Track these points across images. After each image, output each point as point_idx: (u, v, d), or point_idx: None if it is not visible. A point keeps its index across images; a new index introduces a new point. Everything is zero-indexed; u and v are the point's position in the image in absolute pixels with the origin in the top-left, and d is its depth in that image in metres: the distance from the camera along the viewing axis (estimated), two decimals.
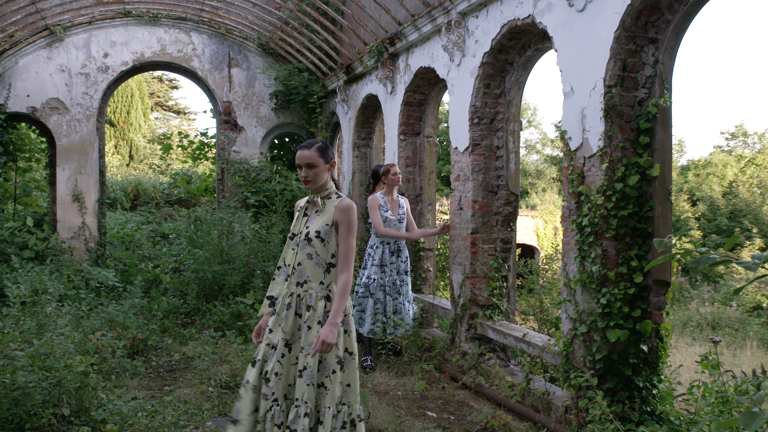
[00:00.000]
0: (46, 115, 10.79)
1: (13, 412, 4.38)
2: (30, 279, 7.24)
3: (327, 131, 11.89)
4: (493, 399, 5.41)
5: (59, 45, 10.84)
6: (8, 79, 10.54)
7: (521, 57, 6.18)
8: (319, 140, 3.54)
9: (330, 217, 3.48)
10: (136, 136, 30.37)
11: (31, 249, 10.22)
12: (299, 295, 3.48)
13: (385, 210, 6.49)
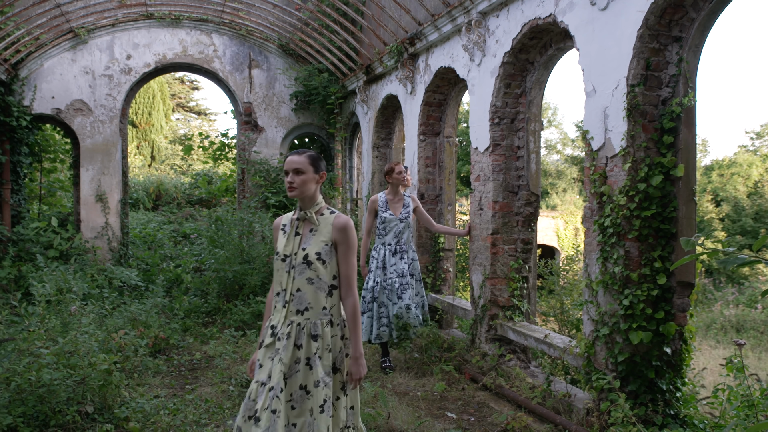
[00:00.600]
0: (71, 117, 10.95)
1: (38, 409, 4.45)
2: (55, 278, 7.34)
3: (346, 132, 11.92)
4: (513, 400, 5.38)
5: (83, 47, 10.99)
6: (34, 81, 10.71)
7: (542, 56, 6.14)
8: (314, 150, 3.33)
9: (327, 236, 3.20)
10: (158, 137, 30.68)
11: (55, 248, 10.37)
12: (299, 324, 3.16)
13: (384, 210, 6.39)
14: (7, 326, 6.32)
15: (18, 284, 8.91)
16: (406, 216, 6.38)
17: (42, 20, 9.77)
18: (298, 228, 3.27)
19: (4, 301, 7.16)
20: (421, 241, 8.26)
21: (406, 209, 6.43)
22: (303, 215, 3.25)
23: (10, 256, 9.83)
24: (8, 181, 10.38)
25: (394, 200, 6.41)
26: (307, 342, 3.14)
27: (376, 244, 6.47)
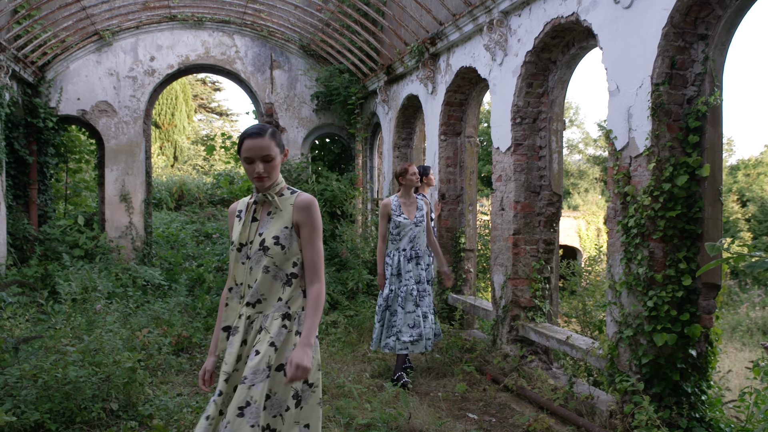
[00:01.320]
0: (96, 118, 11.11)
1: (64, 406, 4.52)
2: (80, 277, 7.45)
3: (367, 132, 11.94)
4: (535, 402, 5.35)
5: (108, 49, 11.14)
6: (60, 83, 10.88)
7: (565, 55, 6.09)
8: (270, 125, 2.84)
9: (288, 217, 2.78)
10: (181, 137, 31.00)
11: (81, 247, 10.53)
12: (249, 317, 2.77)
13: (398, 214, 5.95)
14: (34, 324, 6.44)
15: (44, 283, 9.06)
16: (420, 219, 6.00)
17: (68, 23, 9.93)
18: (255, 213, 2.85)
19: (31, 300, 7.29)
20: (442, 242, 8.24)
21: (421, 212, 6.02)
22: (261, 198, 2.82)
23: (37, 255, 10.00)
24: (35, 181, 10.56)
25: (407, 203, 6.01)
26: (253, 337, 2.74)
27: (389, 250, 6.03)
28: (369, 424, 4.58)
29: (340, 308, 8.45)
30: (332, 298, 8.51)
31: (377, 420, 4.55)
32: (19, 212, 10.22)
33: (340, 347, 6.97)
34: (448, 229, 8.28)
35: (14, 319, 6.08)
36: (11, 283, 5.98)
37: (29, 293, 7.46)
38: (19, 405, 4.28)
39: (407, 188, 6.00)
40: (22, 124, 10.25)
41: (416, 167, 6.18)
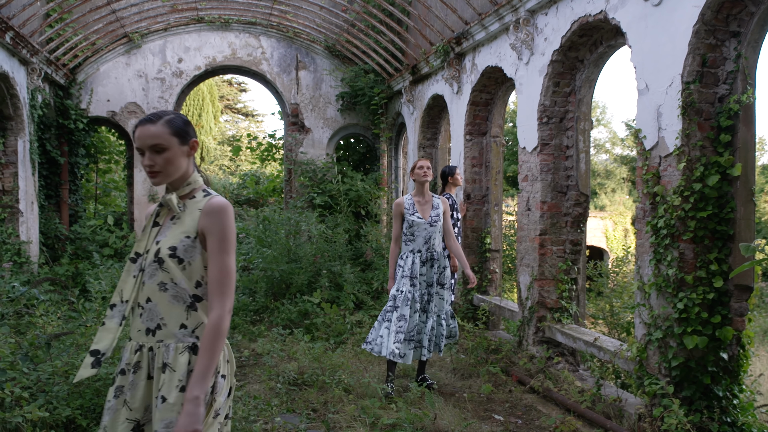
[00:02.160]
0: (125, 119, 11.29)
1: (95, 402, 4.60)
2: (110, 275, 7.57)
3: (392, 132, 11.95)
4: (561, 404, 5.30)
5: (137, 51, 11.31)
6: (90, 85, 11.08)
7: (592, 54, 6.03)
8: (172, 111, 2.40)
9: (192, 224, 2.30)
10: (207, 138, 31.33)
11: (110, 246, 10.70)
12: (151, 348, 2.30)
13: (411, 213, 5.57)
14: (65, 321, 6.55)
15: (75, 281, 9.23)
16: (436, 219, 5.59)
17: (98, 26, 10.10)
18: (159, 216, 2.39)
19: (62, 297, 7.43)
20: (468, 242, 8.21)
21: (436, 211, 5.62)
22: (165, 199, 2.35)
23: (68, 253, 10.19)
24: (66, 181, 10.78)
25: (422, 201, 5.62)
26: (158, 376, 2.27)
27: (403, 252, 5.65)
28: (394, 424, 4.58)
29: (365, 308, 8.47)
30: (357, 298, 8.53)
31: (403, 420, 4.54)
32: (50, 212, 10.43)
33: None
34: (473, 230, 8.24)
35: (46, 317, 6.19)
36: (43, 280, 6.10)
37: (61, 291, 7.60)
38: (51, 401, 4.36)
39: (419, 185, 5.65)
40: (53, 125, 10.46)
41: (424, 162, 5.67)
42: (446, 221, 5.69)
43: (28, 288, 5.48)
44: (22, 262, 8.50)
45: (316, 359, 6.11)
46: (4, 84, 8.38)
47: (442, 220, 5.65)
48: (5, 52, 8.15)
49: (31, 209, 9.21)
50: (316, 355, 6.18)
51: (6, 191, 8.66)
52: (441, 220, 5.63)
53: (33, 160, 9.29)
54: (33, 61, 8.92)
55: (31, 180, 9.25)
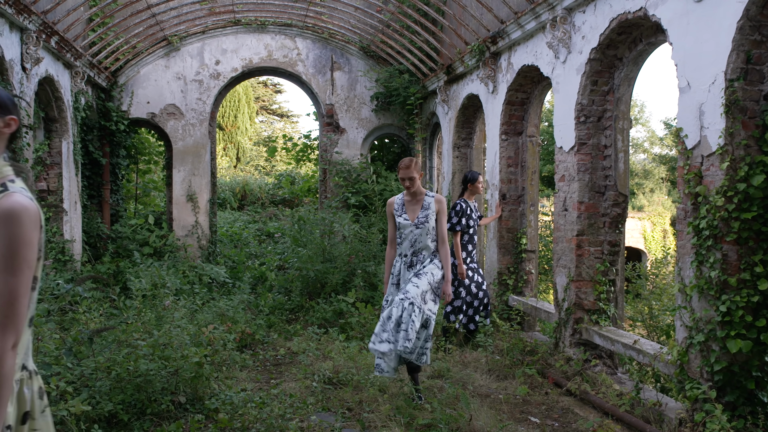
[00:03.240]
0: (164, 120, 11.51)
1: (136, 397, 4.70)
2: (150, 274, 7.73)
3: (426, 132, 11.93)
4: (599, 407, 5.22)
5: (176, 54, 11.53)
6: (131, 87, 11.33)
7: (631, 52, 5.92)
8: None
9: None
10: (243, 139, 31.73)
11: (150, 246, 10.93)
12: None
13: (399, 214, 5.18)
14: (107, 318, 6.72)
15: (116, 279, 9.45)
16: (423, 221, 5.07)
17: (139, 29, 10.32)
18: None
19: (104, 295, 7.61)
20: (503, 242, 8.15)
21: (425, 212, 5.10)
22: None
23: (109, 252, 10.44)
24: (108, 182, 11.04)
25: (412, 201, 5.18)
26: None
27: (397, 256, 5.30)
28: (429, 424, 4.58)
29: None
30: None
31: (438, 420, 4.54)
32: (93, 211, 10.70)
33: None
34: (509, 230, 8.18)
35: (89, 314, 6.36)
36: (86, 278, 6.26)
37: (103, 289, 7.79)
38: (94, 395, 4.48)
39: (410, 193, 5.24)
40: (96, 127, 10.73)
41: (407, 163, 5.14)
42: (439, 223, 5.15)
43: (73, 286, 5.63)
44: (66, 260, 8.74)
45: (350, 358, 6.14)
46: (49, 87, 8.63)
47: (432, 222, 5.11)
48: (50, 56, 8.39)
49: (74, 209, 9.47)
50: (351, 354, 6.22)
51: (51, 191, 8.92)
52: (430, 221, 5.10)
53: (76, 161, 9.54)
54: (77, 64, 9.16)
55: (75, 180, 9.50)
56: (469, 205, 7.19)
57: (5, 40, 6.91)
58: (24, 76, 7.46)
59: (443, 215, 5.15)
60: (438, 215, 5.13)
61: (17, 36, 7.25)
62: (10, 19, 6.95)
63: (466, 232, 7.09)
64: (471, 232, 7.13)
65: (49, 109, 8.89)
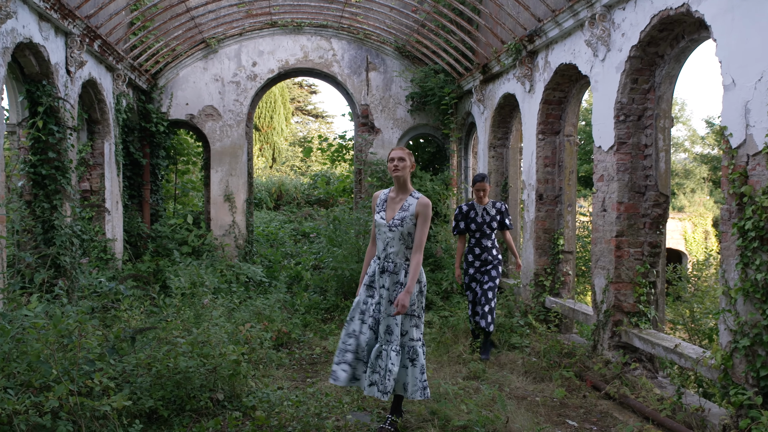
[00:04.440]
0: (202, 122, 11.70)
1: (175, 394, 4.79)
2: (189, 272, 7.86)
3: (462, 132, 11.87)
4: (639, 411, 5.12)
5: (213, 56, 11.70)
6: (170, 90, 11.54)
7: (673, 49, 5.79)
8: None
9: None
10: (279, 139, 32.02)
11: (189, 245, 11.12)
12: None
13: (378, 210, 4.63)
14: (147, 316, 6.85)
15: (156, 277, 9.64)
16: (397, 223, 4.47)
17: (178, 32, 10.51)
18: None
19: (145, 293, 7.77)
20: (539, 243, 8.06)
21: (402, 214, 4.49)
22: None
23: (149, 251, 10.65)
24: (148, 182, 11.27)
25: (395, 199, 4.59)
26: None
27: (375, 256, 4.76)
28: (465, 426, 4.55)
29: (435, 309, 8.45)
30: (427, 298, 8.52)
31: (474, 422, 4.51)
32: (133, 211, 10.93)
33: (435, 347, 6.97)
34: (545, 230, 8.08)
35: (130, 311, 6.50)
36: (128, 277, 6.41)
37: (143, 287, 7.95)
38: (135, 391, 4.57)
39: (395, 179, 4.60)
40: (136, 128, 10.96)
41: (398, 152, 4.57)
42: (418, 230, 4.45)
43: (116, 284, 5.76)
44: (108, 259, 8.95)
45: None
46: (92, 90, 8.84)
47: (408, 227, 4.47)
48: (93, 60, 8.60)
49: (116, 208, 9.68)
50: None
51: (94, 191, 9.14)
52: (405, 225, 4.46)
53: (118, 162, 9.76)
54: (118, 67, 9.37)
55: (116, 180, 9.72)
56: (474, 208, 6.88)
57: (51, 45, 7.11)
58: (68, 79, 7.66)
59: (424, 222, 4.45)
60: (418, 220, 4.45)
61: (62, 40, 7.45)
62: (56, 24, 7.14)
63: (472, 235, 6.88)
64: (477, 236, 6.84)
65: (92, 111, 9.12)
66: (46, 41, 6.97)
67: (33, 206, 7.25)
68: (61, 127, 7.40)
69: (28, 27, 6.54)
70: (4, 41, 6.00)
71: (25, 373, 4.07)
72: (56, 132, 7.32)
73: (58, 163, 7.37)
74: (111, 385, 4.31)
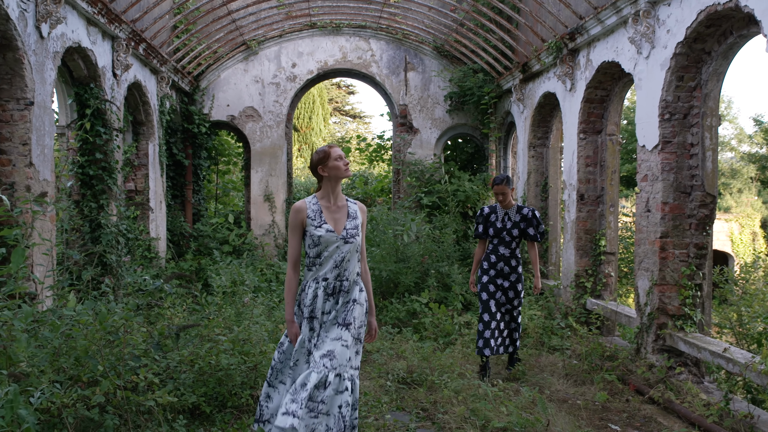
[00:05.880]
0: (243, 123, 11.87)
1: (217, 390, 4.87)
2: (230, 271, 7.98)
3: (501, 131, 11.77)
4: (684, 417, 4.99)
5: (254, 58, 11.86)
6: (212, 91, 11.75)
7: (721, 45, 5.64)
8: None
9: None
10: (317, 140, 32.27)
11: (230, 244, 11.30)
12: None
13: (317, 224, 3.75)
14: (189, 314, 6.98)
15: (198, 276, 9.81)
16: (354, 233, 3.80)
17: (220, 35, 10.68)
18: None
19: (187, 291, 7.91)
20: (580, 244, 7.93)
21: (354, 223, 3.84)
22: None
23: (191, 250, 10.85)
24: (190, 182, 11.49)
25: (332, 208, 3.83)
26: None
27: (305, 281, 3.89)
28: (505, 428, 4.51)
29: (474, 309, 8.40)
30: (465, 299, 8.48)
31: (514, 424, 4.47)
32: (176, 211, 11.16)
33: (474, 348, 6.92)
34: (586, 231, 7.95)
35: (173, 309, 6.63)
36: (173, 276, 6.54)
37: (185, 285, 8.11)
38: (179, 387, 4.66)
39: (332, 182, 3.83)
40: (179, 129, 11.18)
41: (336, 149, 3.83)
42: (363, 237, 3.97)
43: (161, 283, 5.89)
44: (152, 258, 9.15)
45: (425, 359, 6.13)
46: (137, 92, 9.06)
47: (361, 237, 3.89)
48: (138, 63, 8.80)
49: (159, 208, 9.90)
50: (425, 354, 6.21)
51: (138, 191, 9.36)
52: (359, 235, 3.86)
53: (161, 163, 9.97)
54: (162, 70, 9.58)
55: (160, 181, 9.93)
56: (496, 211, 6.15)
57: (98, 48, 7.31)
58: (114, 82, 7.86)
59: (365, 227, 4.00)
60: (363, 228, 3.95)
61: (109, 44, 7.65)
62: (103, 29, 7.34)
63: (490, 241, 6.15)
64: (495, 242, 6.07)
65: (137, 113, 9.33)
66: (93, 45, 7.17)
67: (81, 206, 7.46)
68: (107, 129, 7.59)
69: (77, 32, 6.73)
70: (54, 46, 6.19)
71: (73, 368, 4.19)
72: (103, 134, 7.52)
73: (104, 164, 7.57)
74: (155, 380, 4.41)
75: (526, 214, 6.08)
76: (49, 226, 6.07)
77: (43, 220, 5.87)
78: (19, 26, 5.46)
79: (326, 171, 3.80)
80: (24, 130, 5.69)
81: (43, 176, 6.00)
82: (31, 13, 5.70)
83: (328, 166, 3.79)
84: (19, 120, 5.68)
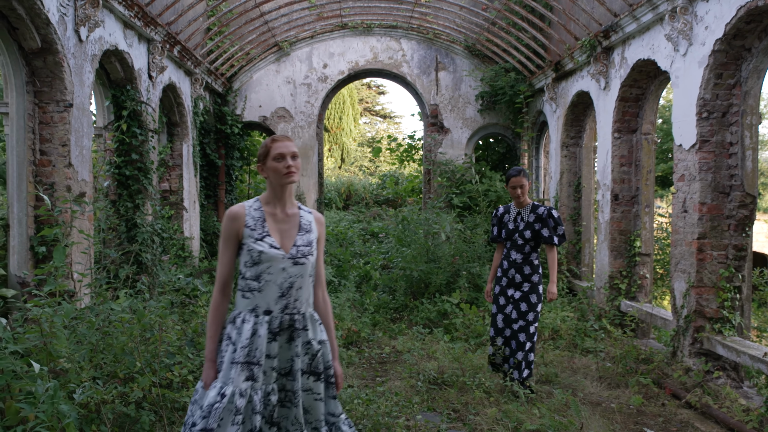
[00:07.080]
0: (274, 123, 11.97)
1: None
2: None
3: (533, 131, 11.66)
4: (723, 422, 4.88)
5: (285, 59, 11.96)
6: (244, 92, 11.88)
7: (762, 41, 5.49)
8: None
9: None
10: (348, 140, 32.39)
11: None
12: None
13: (257, 236, 2.91)
14: None
15: None
16: (306, 252, 2.97)
17: (252, 37, 10.80)
18: None
19: None
20: (614, 245, 7.81)
21: (306, 238, 3.00)
22: None
23: None
24: (223, 182, 11.63)
25: (279, 217, 2.99)
26: None
27: (237, 311, 2.94)
28: (538, 430, 4.47)
29: None
30: None
31: (546, 427, 4.42)
32: (209, 210, 11.31)
33: None
34: (621, 232, 7.82)
35: (207, 306, 6.72)
36: (203, 272, 6.62)
37: None
38: None
39: (280, 187, 2.98)
40: (212, 130, 11.33)
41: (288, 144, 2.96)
42: (320, 256, 3.10)
43: (192, 279, 5.97)
44: (186, 256, 9.29)
45: (455, 359, 6.11)
46: (172, 94, 9.20)
47: (315, 255, 3.03)
48: (173, 65, 8.94)
49: (193, 208, 10.04)
50: (456, 355, 6.18)
51: (173, 191, 9.52)
52: (313, 254, 3.01)
53: (195, 163, 10.11)
54: (196, 71, 9.72)
55: (194, 181, 10.08)
56: (509, 210, 5.54)
57: (134, 51, 7.44)
58: (150, 84, 8.00)
59: (322, 246, 3.11)
60: (319, 243, 3.09)
61: (144, 47, 7.79)
62: (139, 32, 7.47)
63: (504, 245, 5.59)
64: (508, 245, 5.48)
65: (172, 114, 9.49)
66: (130, 48, 7.30)
67: (117, 205, 7.61)
68: (143, 130, 7.73)
69: (114, 35, 6.87)
70: (92, 49, 6.33)
71: (111, 364, 4.28)
72: (139, 135, 7.66)
73: (140, 165, 7.71)
74: (189, 378, 4.47)
75: (541, 213, 5.35)
76: (87, 226, 6.20)
77: (81, 220, 6.01)
78: (59, 30, 5.60)
79: (265, 171, 3.00)
80: (63, 131, 5.83)
81: (82, 176, 6.14)
82: (70, 17, 5.84)
83: (266, 165, 2.98)
84: (59, 122, 5.82)
